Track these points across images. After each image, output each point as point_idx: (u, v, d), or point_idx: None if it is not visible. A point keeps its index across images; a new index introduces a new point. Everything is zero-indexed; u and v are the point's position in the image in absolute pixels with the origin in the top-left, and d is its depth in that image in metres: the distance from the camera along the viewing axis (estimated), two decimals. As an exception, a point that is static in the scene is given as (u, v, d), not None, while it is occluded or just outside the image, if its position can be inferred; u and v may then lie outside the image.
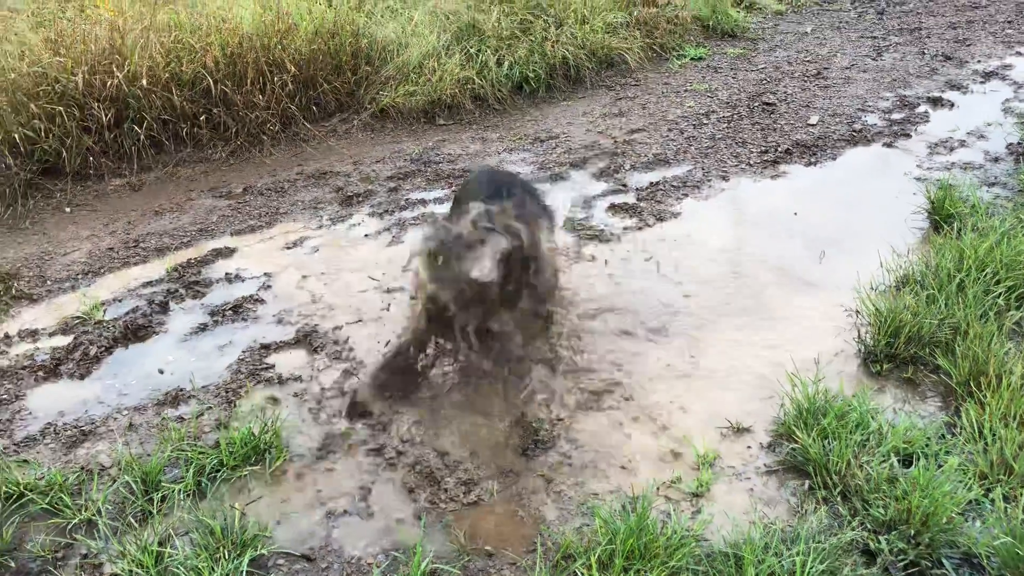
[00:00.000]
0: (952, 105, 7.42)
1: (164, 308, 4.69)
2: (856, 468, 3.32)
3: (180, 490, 3.33)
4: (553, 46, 7.92)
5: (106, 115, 6.15)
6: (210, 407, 3.88)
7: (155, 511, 3.27)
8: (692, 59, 8.86)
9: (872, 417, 3.58)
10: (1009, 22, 9.79)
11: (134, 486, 3.31)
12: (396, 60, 7.43)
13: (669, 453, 3.60)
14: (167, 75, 6.43)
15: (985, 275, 4.40)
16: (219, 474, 3.44)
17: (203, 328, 4.53)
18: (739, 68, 8.54)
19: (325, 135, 7.01)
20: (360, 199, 5.93)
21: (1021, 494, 3.13)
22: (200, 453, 3.49)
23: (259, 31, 6.87)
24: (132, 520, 3.21)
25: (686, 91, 7.94)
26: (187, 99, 6.53)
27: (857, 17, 10.27)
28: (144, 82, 6.22)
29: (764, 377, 4.02)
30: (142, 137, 6.30)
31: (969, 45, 9.03)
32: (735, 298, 4.67)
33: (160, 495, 3.32)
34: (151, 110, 6.35)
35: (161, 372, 4.17)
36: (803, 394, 3.65)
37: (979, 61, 8.52)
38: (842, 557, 2.99)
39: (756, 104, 7.48)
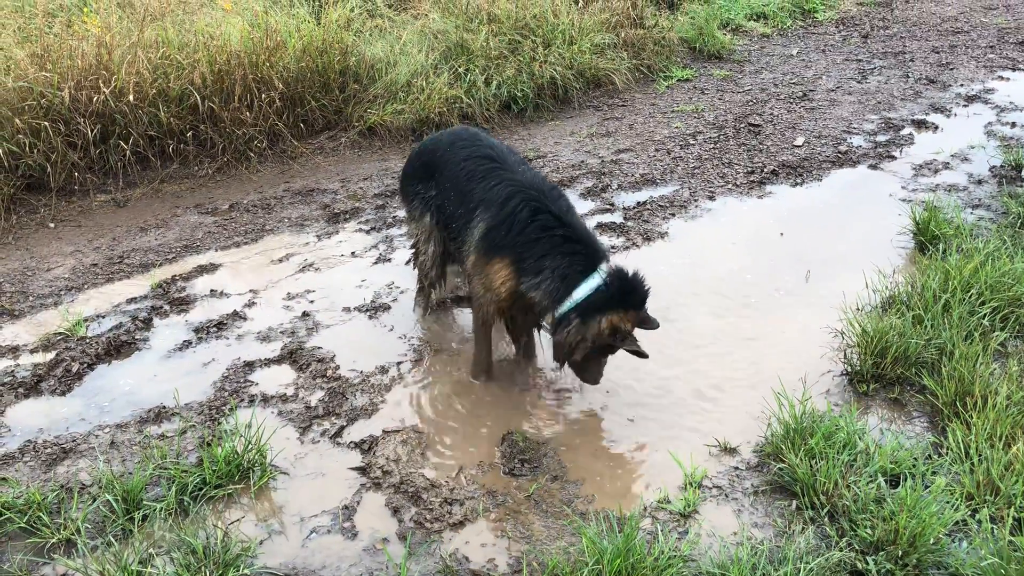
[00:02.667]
0: (936, 128, 7.49)
1: (148, 324, 4.65)
2: (843, 488, 3.32)
3: (162, 509, 3.29)
4: (541, 66, 7.95)
5: (92, 131, 6.11)
6: (193, 425, 3.84)
7: (136, 530, 3.22)
8: (679, 80, 8.92)
9: (859, 437, 3.58)
10: (991, 47, 9.91)
11: (115, 505, 3.26)
12: (384, 78, 7.43)
13: (657, 472, 3.58)
14: (154, 91, 6.40)
15: (970, 296, 4.43)
16: (202, 492, 3.40)
17: (187, 345, 4.49)
18: (725, 89, 8.60)
19: (312, 152, 6.99)
20: (347, 216, 5.91)
21: (1007, 514, 3.13)
22: (183, 471, 3.44)
23: (247, 48, 6.86)
24: (112, 539, 3.16)
25: (673, 112, 7.98)
26: (174, 115, 6.50)
27: (842, 40, 10.37)
28: (131, 98, 6.19)
29: (751, 397, 4.02)
30: (128, 153, 6.26)
31: (952, 69, 9.13)
32: (721, 317, 4.67)
33: (141, 514, 3.27)
34: (138, 126, 6.32)
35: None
36: (790, 414, 3.64)
37: (962, 85, 8.61)
38: (830, 578, 2.98)
39: (742, 125, 7.52)
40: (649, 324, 3.73)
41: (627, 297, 3.62)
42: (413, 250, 4.62)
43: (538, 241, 3.68)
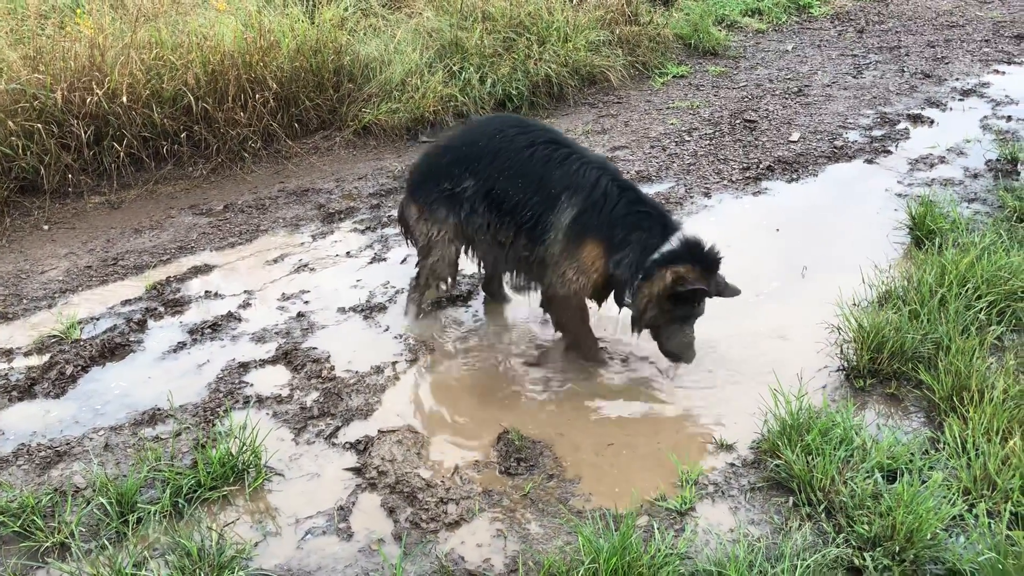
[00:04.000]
0: (932, 122, 7.48)
1: (142, 326, 4.64)
2: (840, 484, 3.30)
3: (156, 511, 3.27)
4: (536, 64, 7.94)
5: (85, 132, 6.09)
6: (188, 426, 3.82)
7: (130, 533, 3.20)
8: (674, 77, 8.91)
9: (856, 433, 3.56)
10: (986, 41, 9.91)
11: (109, 508, 3.24)
12: (379, 77, 7.42)
13: (654, 470, 3.57)
14: (147, 92, 6.39)
15: (966, 290, 4.42)
16: (196, 494, 3.38)
17: (182, 346, 4.47)
18: (721, 86, 8.59)
19: (307, 152, 6.98)
20: (342, 216, 5.90)
21: (1004, 509, 3.12)
22: (177, 473, 3.43)
23: (241, 49, 6.84)
24: (106, 542, 3.14)
25: (668, 108, 7.97)
26: (168, 116, 6.48)
27: (837, 35, 10.36)
28: (124, 99, 6.17)
29: (748, 393, 4.01)
30: (122, 154, 6.24)
31: (947, 63, 9.12)
32: (717, 313, 4.65)
33: (136, 516, 3.25)
34: (131, 127, 6.30)
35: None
36: (787, 410, 3.63)
37: (957, 79, 8.61)
38: (827, 574, 2.97)
39: (738, 121, 7.51)
40: (725, 290, 3.94)
41: (695, 254, 3.83)
42: (423, 252, 4.43)
43: (626, 217, 3.87)
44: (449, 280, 4.52)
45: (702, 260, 3.83)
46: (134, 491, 3.32)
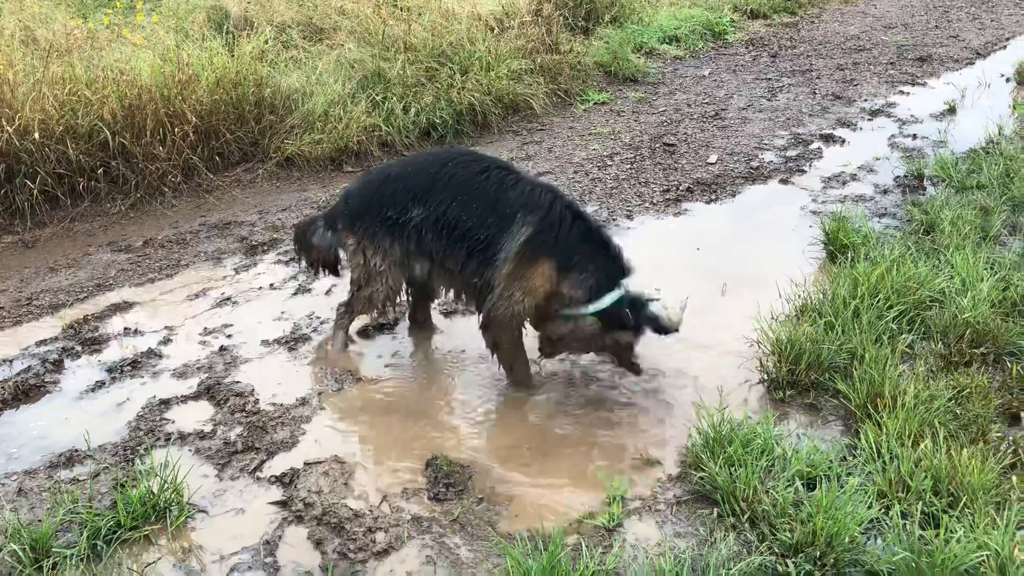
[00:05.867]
0: (843, 141, 7.76)
1: (58, 366, 4.51)
2: (762, 494, 3.37)
3: (73, 555, 3.17)
4: (459, 93, 8.01)
5: (-5, 170, 5.93)
6: (107, 466, 3.72)
7: (45, 579, 3.10)
8: (596, 103, 9.07)
9: (776, 443, 3.65)
10: (891, 63, 10.33)
11: (21, 554, 3.13)
12: (301, 108, 7.40)
13: (583, 488, 3.60)
14: (62, 128, 6.25)
15: (878, 301, 4.57)
16: (116, 536, 3.29)
17: (100, 385, 4.35)
18: (641, 111, 8.77)
19: (229, 185, 6.90)
20: (265, 248, 5.84)
21: (917, 510, 3.22)
22: (95, 515, 3.33)
23: (159, 82, 6.76)
24: (20, 590, 3.03)
25: (591, 134, 8.11)
26: (83, 152, 6.34)
27: (752, 60, 10.68)
28: (36, 136, 6.03)
29: (672, 409, 4.07)
30: (35, 192, 6.08)
31: (856, 85, 9.48)
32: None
33: (51, 562, 3.14)
34: (45, 164, 6.16)
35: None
36: (709, 424, 3.70)
37: (866, 100, 8.95)
38: (752, 583, 3.03)
39: (658, 145, 7.68)
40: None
41: (637, 316, 3.98)
42: (360, 281, 4.37)
43: (584, 243, 3.96)
44: (388, 308, 4.54)
45: (640, 320, 4.00)
46: (49, 535, 3.21)
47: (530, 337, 4.30)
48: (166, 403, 4.19)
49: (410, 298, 4.71)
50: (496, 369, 4.34)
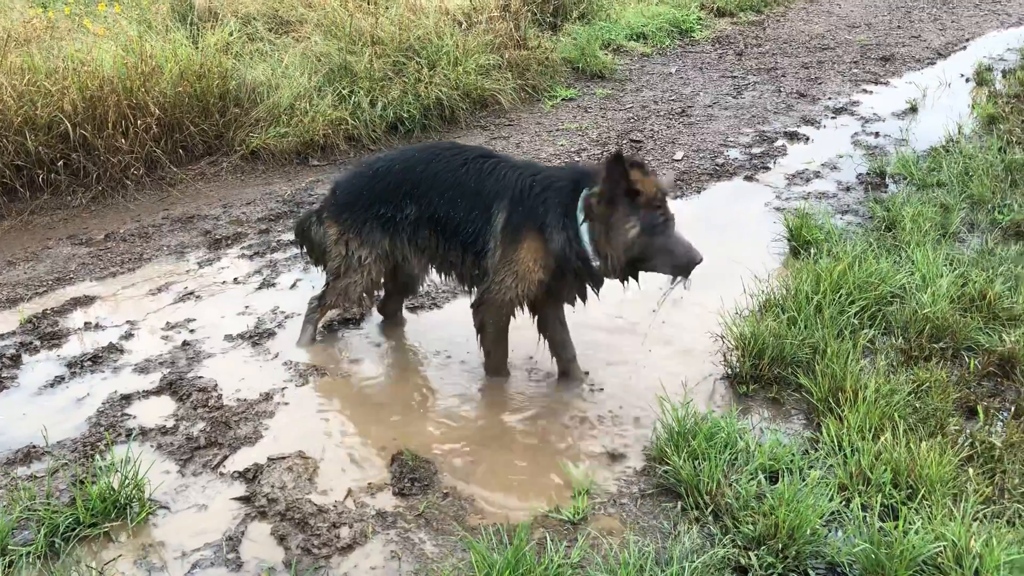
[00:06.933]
0: (807, 139, 7.84)
1: (16, 361, 4.43)
2: (726, 487, 3.40)
3: (30, 553, 3.12)
4: (427, 87, 7.98)
5: (-49, 162, 5.82)
6: (66, 463, 3.66)
7: (1, 578, 3.04)
8: (564, 99, 9.08)
9: (740, 436, 3.68)
10: (855, 62, 10.45)
11: (-23, 552, 3.08)
12: (266, 102, 7.32)
13: (549, 482, 3.60)
14: (20, 119, 6.14)
15: (840, 296, 4.63)
16: (75, 533, 3.24)
17: (59, 380, 4.29)
18: (608, 108, 8.80)
19: (193, 178, 6.82)
20: (229, 242, 5.77)
21: (876, 502, 3.26)
22: (53, 512, 3.27)
23: (121, 74, 6.66)
24: (-25, 589, 2.98)
25: (558, 130, 8.12)
26: (43, 144, 6.24)
27: (718, 58, 10.75)
28: (-7, 127, 5.92)
29: (638, 403, 4.09)
30: (-8, 184, 5.98)
31: (820, 83, 9.59)
32: (607, 326, 4.75)
33: (7, 560, 3.09)
34: (2, 156, 6.05)
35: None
36: (673, 417, 3.72)
37: (830, 98, 9.05)
38: (714, 575, 3.05)
39: (624, 141, 7.71)
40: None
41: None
42: (338, 272, 4.33)
43: (542, 196, 3.83)
44: (364, 302, 4.55)
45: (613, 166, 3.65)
46: (5, 533, 3.16)
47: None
48: (127, 398, 4.14)
49: (384, 291, 4.68)
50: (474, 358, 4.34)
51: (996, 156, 6.89)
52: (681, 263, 3.83)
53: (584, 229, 3.77)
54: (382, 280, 4.44)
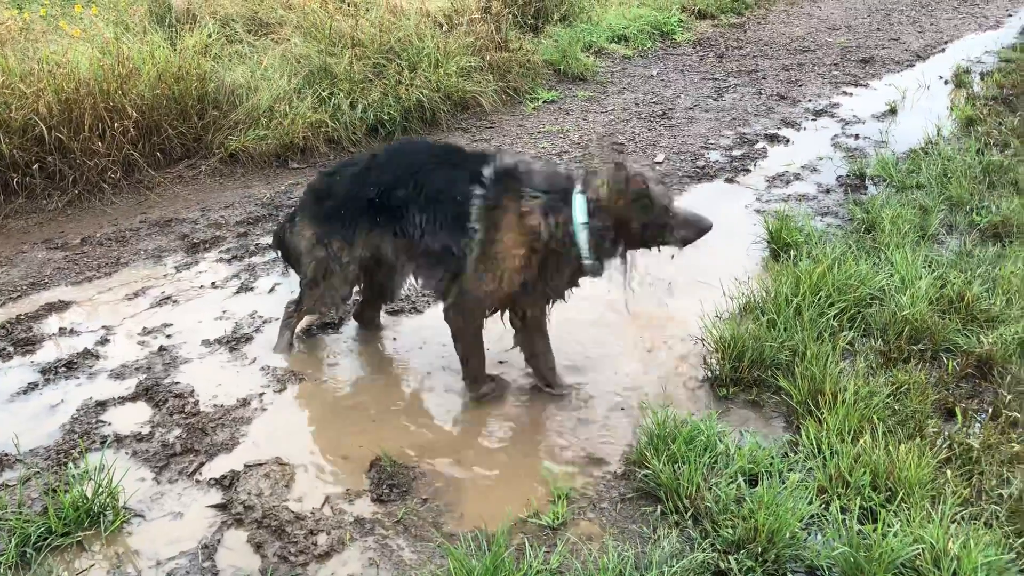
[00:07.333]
0: (788, 141, 7.86)
1: (-11, 368, 4.37)
2: (705, 491, 3.39)
3: (0, 563, 3.07)
4: (407, 89, 7.95)
5: (-77, 165, 5.74)
6: (38, 471, 3.61)
7: (-29, 589, 3.00)
8: (545, 102, 9.07)
9: (719, 440, 3.67)
10: (835, 64, 10.51)
11: (-54, 563, 3.03)
12: (246, 104, 7.27)
13: (529, 487, 3.58)
14: (-7, 122, 6.07)
15: (819, 299, 4.64)
16: (47, 542, 3.19)
17: (33, 387, 4.23)
18: (589, 110, 8.80)
19: (171, 182, 6.76)
20: (207, 246, 5.72)
21: (855, 505, 3.26)
22: (24, 522, 3.23)
23: (97, 76, 6.59)
24: (-55, 601, 2.93)
25: (540, 132, 8.11)
26: (17, 147, 6.16)
27: (699, 60, 10.78)
28: (-34, 129, 5.84)
29: (618, 406, 4.08)
30: (-34, 188, 5.90)
31: (801, 86, 9.62)
32: (588, 330, 4.73)
33: (-23, 571, 3.05)
34: (-25, 159, 5.97)
35: None
36: (653, 421, 3.71)
37: (810, 100, 9.09)
38: (694, 579, 3.04)
39: (606, 144, 7.70)
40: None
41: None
42: (319, 277, 4.26)
43: (512, 183, 3.78)
44: (340, 305, 4.47)
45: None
46: (-25, 543, 3.11)
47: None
48: (102, 405, 4.09)
49: (362, 296, 4.65)
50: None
51: (974, 158, 6.94)
52: (688, 237, 3.93)
53: (579, 209, 3.71)
54: (357, 283, 4.39)
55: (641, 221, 3.75)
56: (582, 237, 3.72)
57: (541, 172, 3.84)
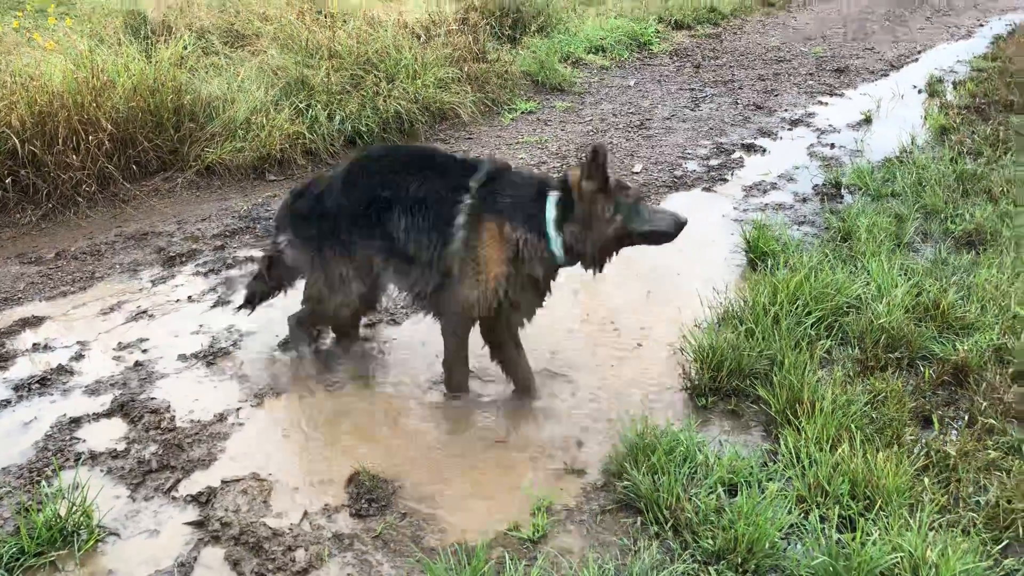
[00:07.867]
0: (764, 151, 7.92)
1: (-40, 385, 4.31)
2: (685, 501, 3.39)
3: (-29, 585, 3.02)
4: (385, 100, 7.94)
5: None
6: (10, 490, 3.55)
7: (-58, 611, 2.94)
8: (523, 112, 9.09)
9: (699, 450, 3.67)
10: (811, 74, 10.60)
11: (-84, 585, 2.98)
12: (222, 116, 7.23)
13: (509, 500, 3.57)
14: (-35, 136, 6.00)
15: (797, 308, 4.66)
16: (19, 563, 3.14)
17: (5, 404, 4.17)
18: (567, 120, 8.82)
19: (147, 195, 6.71)
20: (184, 259, 5.68)
21: (834, 514, 3.27)
22: (-5, 542, 3.18)
23: (71, 89, 6.53)
24: (-86, 624, 2.87)
25: (518, 143, 8.12)
26: (-11, 161, 6.10)
27: (676, 71, 10.84)
28: (-62, 143, 5.78)
29: (597, 417, 4.08)
30: (-62, 202, 5.83)
31: (777, 96, 9.70)
32: (565, 339, 4.73)
33: (-53, 592, 2.99)
34: (-53, 173, 5.90)
35: None
36: (632, 432, 3.71)
37: (786, 110, 9.16)
38: (674, 591, 3.03)
39: (584, 155, 7.71)
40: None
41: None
42: (327, 293, 4.18)
43: (511, 195, 3.84)
44: (347, 317, 4.40)
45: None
46: (-54, 565, 3.06)
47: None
48: (77, 421, 4.03)
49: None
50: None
51: (948, 166, 7.01)
52: (659, 231, 3.93)
53: (551, 218, 3.76)
54: (364, 292, 4.23)
55: (613, 211, 3.74)
56: (554, 237, 3.75)
57: (516, 175, 3.91)
